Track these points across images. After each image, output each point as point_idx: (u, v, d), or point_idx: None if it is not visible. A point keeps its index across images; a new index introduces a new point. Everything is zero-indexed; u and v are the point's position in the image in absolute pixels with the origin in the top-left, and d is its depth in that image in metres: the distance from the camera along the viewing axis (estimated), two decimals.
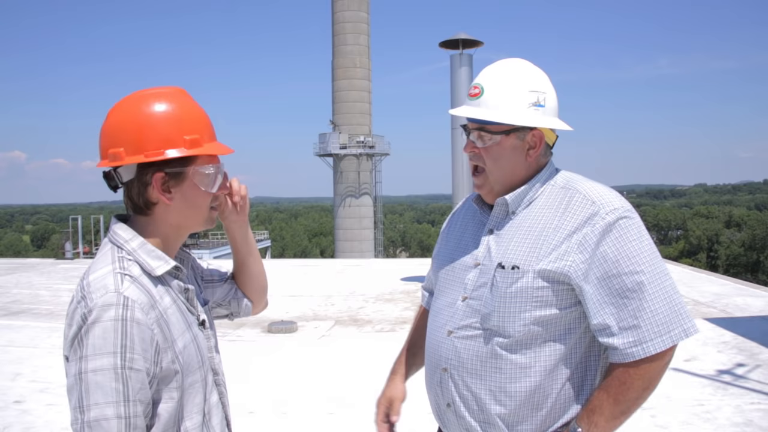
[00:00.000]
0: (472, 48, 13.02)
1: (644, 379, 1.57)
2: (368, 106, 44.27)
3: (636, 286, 1.55)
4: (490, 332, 1.66)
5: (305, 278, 14.37)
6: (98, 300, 1.30)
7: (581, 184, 1.68)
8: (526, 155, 1.71)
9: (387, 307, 10.34)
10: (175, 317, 1.43)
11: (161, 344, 1.35)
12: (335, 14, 43.08)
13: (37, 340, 8.18)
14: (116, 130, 1.41)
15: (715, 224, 72.93)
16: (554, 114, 1.73)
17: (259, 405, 5.47)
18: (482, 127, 1.70)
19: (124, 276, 1.36)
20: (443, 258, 1.89)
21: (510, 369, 1.65)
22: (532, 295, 1.61)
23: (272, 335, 8.40)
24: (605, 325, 1.58)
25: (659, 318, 1.55)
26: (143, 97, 1.44)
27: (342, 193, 43.44)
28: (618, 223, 1.58)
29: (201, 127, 1.46)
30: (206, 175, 1.47)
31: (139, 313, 1.31)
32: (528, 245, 1.64)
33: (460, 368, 1.71)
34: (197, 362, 1.47)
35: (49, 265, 17.92)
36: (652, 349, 1.54)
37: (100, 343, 1.27)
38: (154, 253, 1.44)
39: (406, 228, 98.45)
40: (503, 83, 1.69)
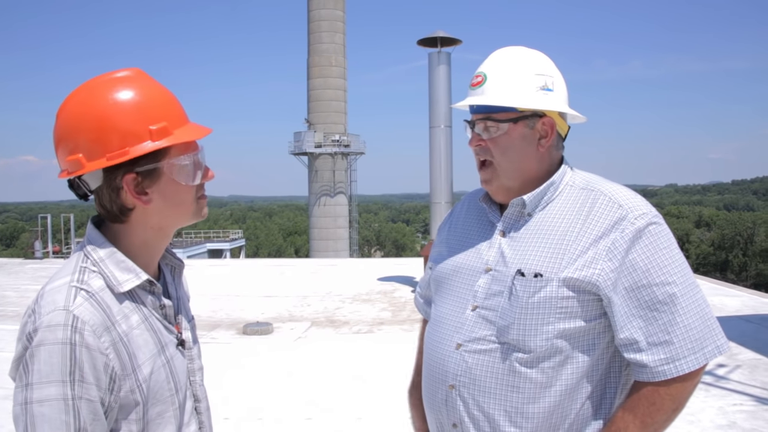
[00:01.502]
0: (450, 46, 12.92)
1: (675, 399, 1.44)
2: (344, 105, 44.09)
3: (668, 298, 1.42)
4: (508, 347, 1.51)
5: (281, 278, 14.21)
6: (45, 318, 1.13)
7: (604, 186, 1.55)
8: (538, 145, 1.57)
9: (364, 307, 10.23)
10: (143, 338, 1.25)
11: (118, 371, 1.18)
12: (311, 12, 42.83)
13: (3, 344, 7.91)
14: (69, 134, 1.21)
15: (686, 224, 73.97)
16: (564, 101, 1.60)
17: (235, 410, 5.31)
18: (488, 117, 1.56)
19: (79, 290, 1.18)
20: (445, 261, 1.72)
21: (528, 387, 1.50)
22: (556, 305, 1.46)
23: (247, 337, 8.24)
24: (632, 339, 1.45)
25: (693, 334, 1.42)
26: (93, 87, 1.22)
27: (317, 192, 43.21)
28: (648, 229, 1.45)
29: (167, 112, 1.24)
30: (183, 167, 1.27)
31: (89, 337, 1.14)
32: (550, 251, 1.50)
33: (470, 386, 1.54)
34: (169, 390, 1.29)
35: (17, 265, 17.53)
36: (685, 367, 1.42)
37: (46, 369, 1.11)
38: (124, 265, 1.25)
39: (381, 227, 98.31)
40: (507, 68, 1.56)
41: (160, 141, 1.21)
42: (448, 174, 12.49)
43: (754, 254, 59.81)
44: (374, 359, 6.81)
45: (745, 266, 60.86)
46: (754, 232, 61.10)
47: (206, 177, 1.34)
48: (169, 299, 1.39)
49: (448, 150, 12.41)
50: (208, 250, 49.92)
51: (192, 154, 1.29)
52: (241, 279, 14.30)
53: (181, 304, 1.46)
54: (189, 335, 1.43)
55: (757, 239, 60.32)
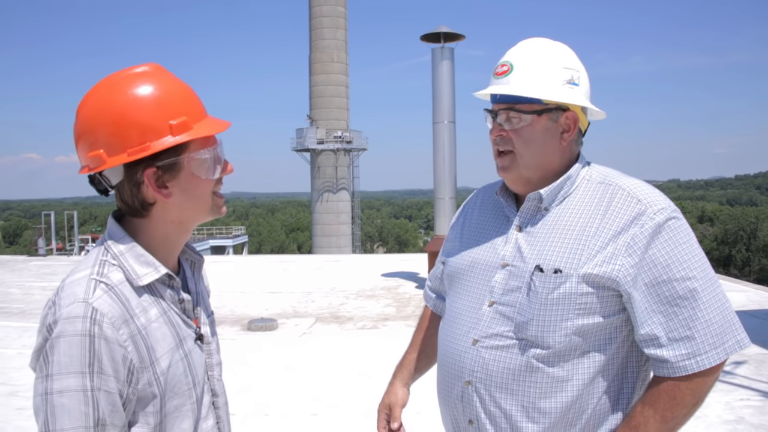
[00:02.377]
0: (453, 41, 12.89)
1: (695, 394, 1.43)
2: (346, 101, 44.04)
3: (688, 293, 1.41)
4: (527, 343, 1.49)
5: (284, 274, 14.21)
6: (64, 309, 1.14)
7: (621, 180, 1.53)
8: (560, 139, 1.55)
9: (368, 303, 10.22)
10: (161, 332, 1.25)
11: (136, 364, 1.19)
12: (312, 8, 42.75)
13: (8, 341, 7.92)
14: (90, 130, 1.21)
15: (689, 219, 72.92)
16: (587, 96, 1.59)
17: (241, 406, 5.31)
18: (512, 107, 1.53)
19: (98, 283, 1.19)
20: (459, 256, 1.70)
21: (546, 383, 1.49)
22: (575, 302, 1.45)
23: (252, 333, 8.24)
24: (653, 335, 1.43)
25: (714, 329, 1.41)
26: (113, 83, 1.23)
27: (319, 188, 43.20)
28: (668, 224, 1.44)
29: (187, 107, 1.25)
30: (203, 160, 1.28)
31: (108, 329, 1.15)
32: (569, 247, 1.48)
33: (487, 382, 1.53)
34: (186, 384, 1.29)
35: (20, 262, 17.55)
36: (707, 362, 1.40)
37: (66, 360, 1.12)
38: (144, 259, 1.25)
39: (384, 223, 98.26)
40: (535, 58, 1.54)
41: (180, 135, 1.22)
42: (452, 170, 12.46)
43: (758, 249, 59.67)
44: (379, 355, 6.75)
45: (748, 261, 60.76)
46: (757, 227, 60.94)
47: (225, 171, 1.35)
48: (188, 294, 1.39)
49: (452, 145, 12.38)
50: (210, 247, 49.97)
51: (211, 148, 1.29)
52: (245, 275, 14.30)
53: (201, 299, 1.46)
54: (207, 330, 1.43)
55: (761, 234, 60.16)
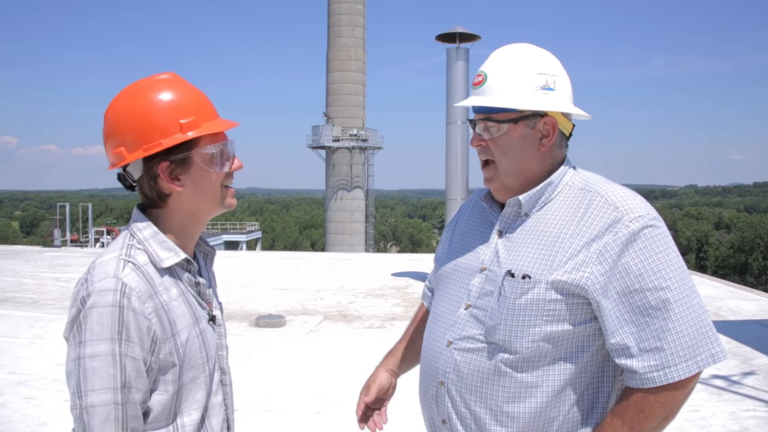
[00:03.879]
0: (469, 42, 12.86)
1: (665, 407, 1.41)
2: (362, 99, 44.07)
3: (661, 303, 1.39)
4: (495, 346, 1.51)
5: (295, 271, 14.24)
6: (97, 284, 1.30)
7: (602, 186, 1.52)
8: (539, 145, 1.55)
9: (377, 302, 10.23)
10: (181, 309, 1.41)
11: (159, 335, 1.34)
12: (331, 6, 42.81)
13: (19, 330, 8.01)
14: (114, 130, 1.40)
15: (705, 225, 73.23)
16: (568, 99, 1.57)
17: (244, 401, 5.33)
18: (488, 117, 1.55)
19: (127, 262, 1.35)
20: (446, 259, 1.73)
21: (514, 388, 1.49)
22: (543, 308, 1.45)
23: (260, 329, 8.28)
24: (624, 345, 1.42)
25: (685, 340, 1.39)
26: (134, 90, 1.41)
27: (334, 185, 43.26)
28: (643, 232, 1.42)
29: (196, 109, 1.42)
30: (210, 155, 1.43)
31: (135, 302, 1.30)
32: (541, 252, 1.48)
33: (458, 383, 1.55)
34: (201, 358, 1.44)
35: (35, 253, 17.72)
36: (676, 375, 1.39)
37: (98, 328, 1.27)
38: (166, 244, 1.42)
39: (398, 222, 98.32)
40: (507, 67, 1.54)
41: (188, 132, 1.38)
42: (464, 170, 12.45)
43: None
44: None
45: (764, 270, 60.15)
46: None
47: (234, 166, 1.49)
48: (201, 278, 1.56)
49: (465, 146, 12.37)
50: (224, 242, 50.19)
51: (218, 144, 1.44)
52: (256, 271, 14.35)
53: (212, 286, 1.62)
54: (219, 314, 1.58)
55: None
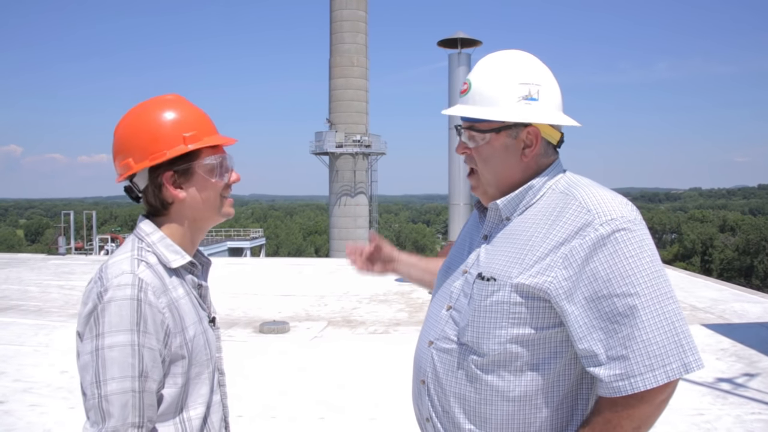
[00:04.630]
0: (470, 47, 12.91)
1: (633, 419, 1.35)
2: (365, 105, 44.09)
3: (628, 310, 1.33)
4: (466, 348, 1.51)
5: (299, 277, 14.26)
6: (114, 279, 1.37)
7: (582, 190, 1.48)
8: (521, 155, 1.54)
9: (381, 308, 10.23)
10: (188, 307, 1.50)
11: (171, 328, 1.42)
12: (333, 12, 42.90)
13: (24, 338, 8.03)
14: (123, 144, 1.52)
15: (710, 228, 72.96)
16: (554, 108, 1.54)
17: (248, 408, 5.34)
18: (472, 126, 1.55)
19: (140, 261, 1.44)
20: (445, 263, 1.77)
21: (485, 391, 1.48)
22: (507, 310, 1.44)
23: (264, 335, 8.28)
24: (592, 352, 1.38)
25: (653, 349, 1.32)
26: (142, 108, 1.54)
27: (337, 191, 43.27)
28: (614, 236, 1.36)
29: (198, 124, 1.54)
30: (210, 165, 1.54)
31: (151, 296, 1.38)
32: (511, 256, 1.47)
33: (436, 383, 1.57)
34: (205, 355, 1.53)
35: (39, 261, 17.77)
36: (641, 384, 1.32)
37: (116, 320, 1.33)
38: (172, 248, 1.52)
39: (402, 228, 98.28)
40: (490, 76, 1.53)
41: (191, 144, 1.50)
42: (466, 176, 12.45)
43: None
44: (389, 360, 6.79)
45: None
46: None
47: (232, 178, 1.60)
48: None
49: None
50: (228, 248, 50.26)
51: (218, 156, 1.56)
52: (260, 278, 14.38)
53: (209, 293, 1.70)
54: (217, 318, 1.67)
55: None
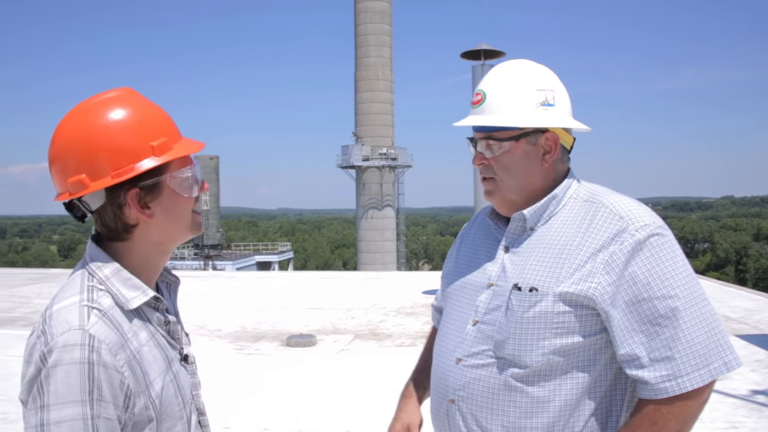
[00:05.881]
0: (494, 59, 12.88)
1: (678, 419, 1.39)
2: (391, 118, 44.26)
3: (670, 312, 1.38)
4: (505, 361, 1.49)
5: (326, 290, 14.27)
6: (59, 338, 1.12)
7: (607, 197, 1.52)
8: (542, 161, 1.55)
9: (408, 320, 10.18)
10: (152, 355, 1.26)
11: (133, 388, 1.18)
12: (358, 27, 43.23)
13: None
14: (71, 155, 1.21)
15: (743, 237, 71.79)
16: (567, 114, 1.57)
17: (274, 422, 5.34)
18: (489, 136, 1.55)
19: (91, 310, 1.18)
20: (453, 277, 1.73)
21: (526, 403, 1.47)
22: (552, 320, 1.44)
23: (291, 349, 8.29)
24: (634, 355, 1.40)
25: (697, 349, 1.37)
26: (90, 108, 1.24)
27: (364, 204, 43.40)
28: (649, 240, 1.41)
29: (165, 128, 1.28)
30: (184, 179, 1.30)
31: (106, 356, 1.14)
32: (547, 265, 1.48)
33: (469, 400, 1.54)
34: (177, 404, 1.30)
35: None
36: (688, 384, 1.37)
37: (63, 390, 1.10)
38: (130, 282, 1.26)
39: (429, 240, 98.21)
40: (506, 85, 1.54)
41: (162, 156, 1.24)
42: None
43: None
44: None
45: None
46: None
47: (202, 189, 1.37)
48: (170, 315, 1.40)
49: None
50: (257, 263, 50.65)
51: (190, 167, 1.32)
52: (287, 291, 14.42)
53: (180, 321, 1.46)
54: (190, 350, 1.44)
55: None
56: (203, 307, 11.81)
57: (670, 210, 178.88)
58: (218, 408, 5.65)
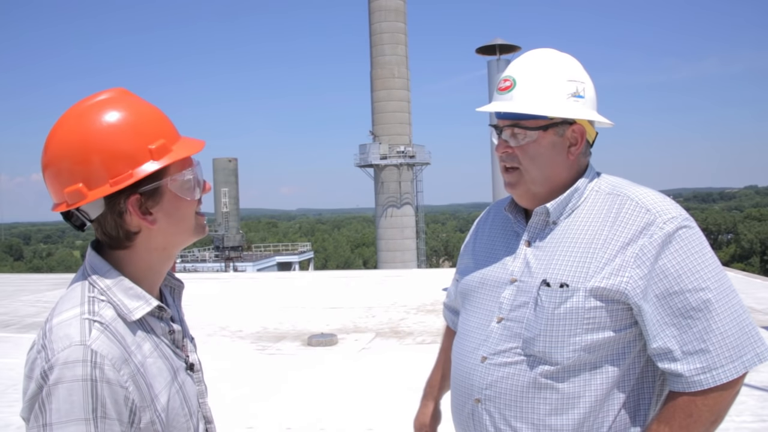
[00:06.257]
0: (509, 53, 12.82)
1: (713, 410, 1.37)
2: (408, 116, 44.16)
3: (702, 304, 1.36)
4: (534, 359, 1.46)
5: (346, 289, 14.30)
6: (60, 354, 1.08)
7: (631, 190, 1.49)
8: (567, 153, 1.53)
9: (429, 318, 10.16)
10: (157, 367, 1.21)
11: (138, 403, 1.14)
12: (372, 25, 43.17)
13: None
14: (65, 162, 1.15)
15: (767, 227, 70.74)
16: (593, 107, 1.55)
17: (297, 421, 5.35)
18: (516, 124, 1.51)
19: (93, 323, 1.13)
20: (471, 274, 1.68)
21: (556, 400, 1.45)
22: (583, 316, 1.41)
23: (312, 348, 8.32)
24: (666, 349, 1.38)
25: (730, 341, 1.36)
26: (83, 112, 1.17)
27: (383, 203, 43.36)
28: (678, 233, 1.39)
29: (162, 129, 1.21)
30: (186, 181, 1.25)
31: (109, 372, 1.09)
32: (576, 260, 1.45)
33: (496, 399, 1.50)
34: (184, 416, 1.25)
35: None
36: (723, 376, 1.35)
37: (66, 408, 1.05)
38: (133, 292, 1.20)
39: (449, 237, 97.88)
40: (538, 73, 1.50)
41: (162, 159, 1.19)
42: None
43: None
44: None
45: None
46: None
47: (204, 190, 1.32)
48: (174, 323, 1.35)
49: None
50: (277, 263, 50.88)
51: (191, 169, 1.27)
52: (308, 291, 14.47)
53: (184, 326, 1.41)
54: (196, 357, 1.39)
55: None
56: (225, 308, 11.89)
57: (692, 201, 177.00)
58: (241, 408, 5.68)
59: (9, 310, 11.97)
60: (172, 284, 1.43)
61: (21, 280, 18.48)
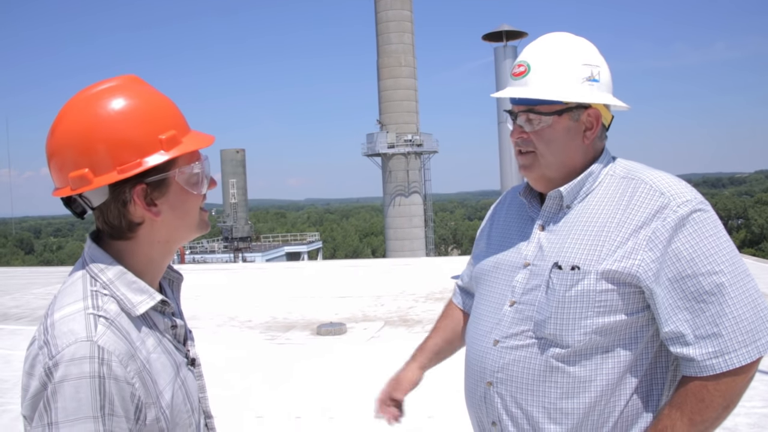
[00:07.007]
0: (516, 39, 12.76)
1: (725, 395, 1.36)
2: (415, 105, 44.04)
3: (715, 288, 1.34)
4: (545, 342, 1.46)
5: (355, 278, 14.33)
6: (65, 350, 1.04)
7: (645, 173, 1.48)
8: (583, 137, 1.52)
9: (437, 306, 10.16)
10: (161, 363, 1.18)
11: (144, 399, 1.11)
12: (378, 14, 43.00)
13: None
14: (73, 147, 1.12)
15: None
16: (609, 90, 1.54)
17: (307, 409, 5.38)
18: (531, 109, 1.50)
19: (98, 318, 1.09)
20: (486, 257, 1.69)
21: (567, 383, 1.45)
22: (594, 299, 1.41)
23: (321, 337, 8.34)
24: (679, 333, 1.37)
25: (744, 325, 1.34)
26: (92, 98, 1.14)
27: (391, 192, 43.33)
28: (692, 216, 1.38)
29: (173, 120, 1.19)
30: (194, 175, 1.22)
31: (117, 368, 1.06)
32: (588, 243, 1.44)
33: (508, 382, 1.51)
34: (186, 412, 1.23)
35: None
36: (736, 361, 1.34)
37: (73, 406, 1.02)
38: (136, 286, 1.17)
39: (458, 225, 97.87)
40: (552, 57, 1.49)
41: (172, 151, 1.16)
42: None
43: None
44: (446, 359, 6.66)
45: None
46: None
47: (211, 185, 1.29)
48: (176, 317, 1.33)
49: None
50: (286, 253, 51.00)
51: (200, 162, 1.25)
52: (317, 280, 14.50)
53: (183, 318, 1.39)
54: (195, 352, 1.37)
55: None
56: (234, 298, 11.94)
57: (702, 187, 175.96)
58: (251, 397, 5.71)
59: (21, 303, 12.07)
60: (170, 276, 1.41)
61: (32, 274, 18.62)
